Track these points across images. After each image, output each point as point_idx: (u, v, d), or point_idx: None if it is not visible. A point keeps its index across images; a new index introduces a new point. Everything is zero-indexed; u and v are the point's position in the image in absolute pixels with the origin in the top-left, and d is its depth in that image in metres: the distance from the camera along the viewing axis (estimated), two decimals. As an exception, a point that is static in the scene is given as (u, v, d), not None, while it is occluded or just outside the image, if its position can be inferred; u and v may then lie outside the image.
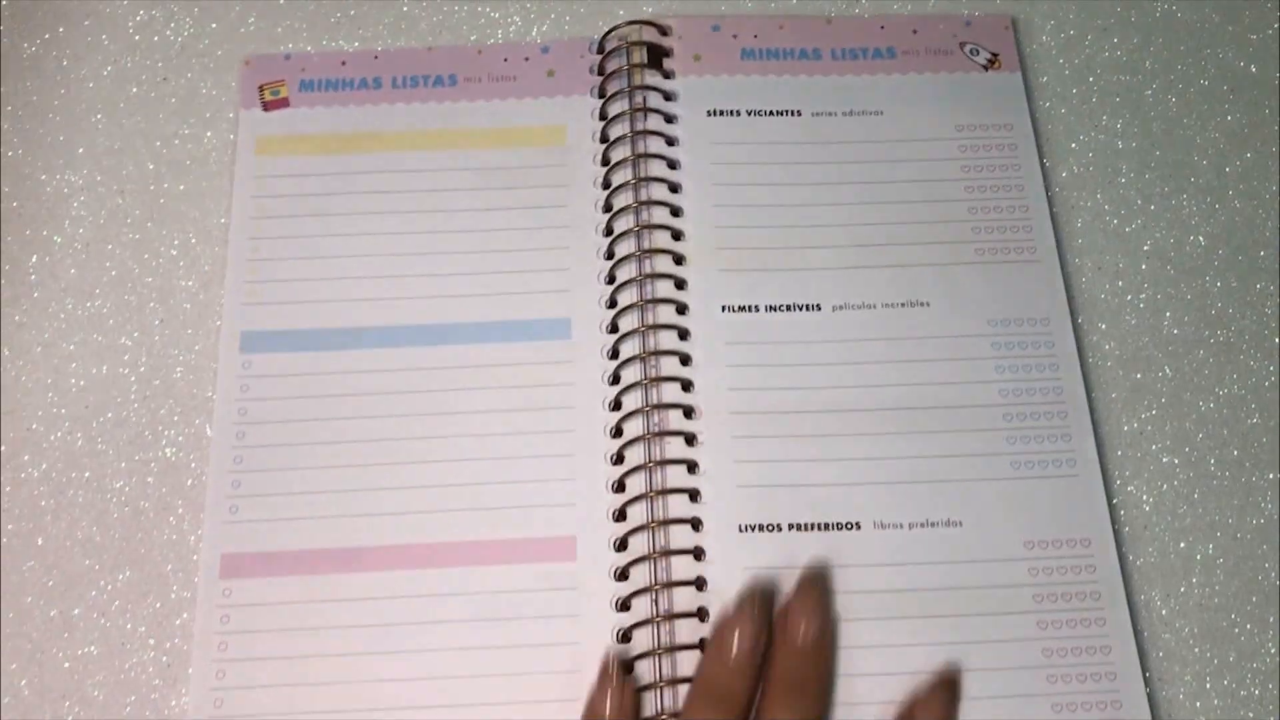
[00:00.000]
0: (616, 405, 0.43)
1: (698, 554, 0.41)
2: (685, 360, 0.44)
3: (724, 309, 0.44)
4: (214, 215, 0.47)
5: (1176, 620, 0.41)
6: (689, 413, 0.43)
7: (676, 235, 0.46)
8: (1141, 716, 0.39)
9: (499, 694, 0.39)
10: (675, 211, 0.46)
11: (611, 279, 0.45)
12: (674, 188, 0.46)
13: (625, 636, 0.40)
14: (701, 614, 0.40)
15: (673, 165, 0.47)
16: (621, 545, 0.41)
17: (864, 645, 0.39)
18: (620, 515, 0.41)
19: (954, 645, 0.40)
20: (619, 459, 0.42)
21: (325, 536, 0.41)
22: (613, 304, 0.45)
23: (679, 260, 0.45)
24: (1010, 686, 0.39)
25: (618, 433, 0.43)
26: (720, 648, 0.37)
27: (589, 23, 0.50)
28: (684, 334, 0.44)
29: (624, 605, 0.40)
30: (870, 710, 0.39)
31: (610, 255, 0.45)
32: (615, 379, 0.43)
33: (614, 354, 0.44)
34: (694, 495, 0.42)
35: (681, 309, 0.44)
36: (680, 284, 0.45)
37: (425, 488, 0.42)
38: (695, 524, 0.41)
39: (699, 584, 0.40)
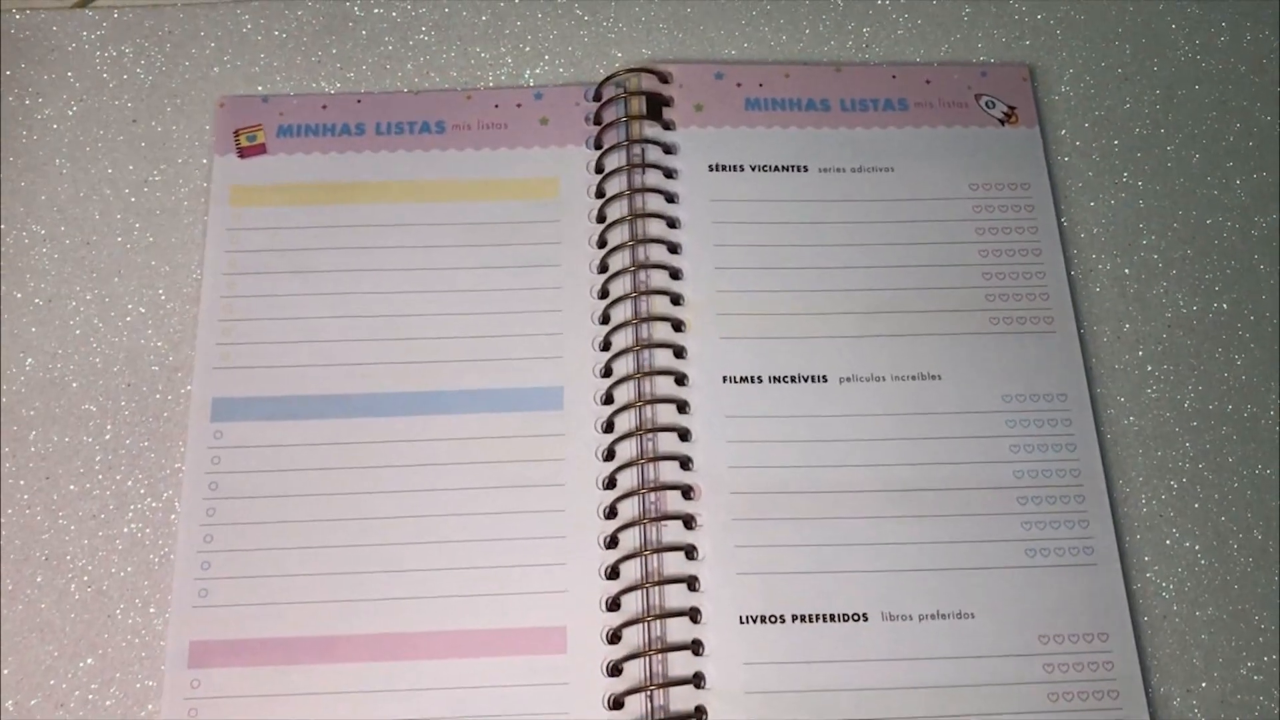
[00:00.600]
0: (611, 484, 0.41)
1: (696, 648, 0.38)
2: (684, 435, 0.41)
3: (725, 379, 0.42)
4: (185, 270, 0.44)
5: (1198, 718, 0.39)
6: (688, 493, 0.40)
7: (675, 299, 0.43)
8: (1161, 825, 0.37)
9: (483, 798, 0.37)
10: (674, 274, 0.43)
11: (606, 345, 0.42)
12: (673, 248, 0.44)
13: (618, 737, 0.37)
14: (700, 714, 0.38)
15: (672, 224, 0.44)
16: (614, 638, 0.39)
17: (870, 748, 0.37)
18: (614, 604, 0.39)
19: (965, 748, 0.38)
20: (613, 542, 0.40)
21: (300, 624, 0.39)
22: (608, 373, 0.42)
23: (678, 327, 0.43)
24: (1024, 793, 0.37)
25: (612, 514, 0.40)
26: None
27: (585, 66, 0.48)
28: (683, 407, 0.42)
29: (617, 703, 0.38)
30: (877, 820, 0.37)
31: (605, 320, 0.43)
32: (610, 454, 0.41)
33: (609, 427, 0.41)
34: (692, 583, 0.39)
35: (680, 379, 0.42)
36: (679, 352, 0.42)
37: (406, 571, 0.39)
38: (694, 615, 0.39)
39: (697, 681, 0.38)
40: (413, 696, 0.38)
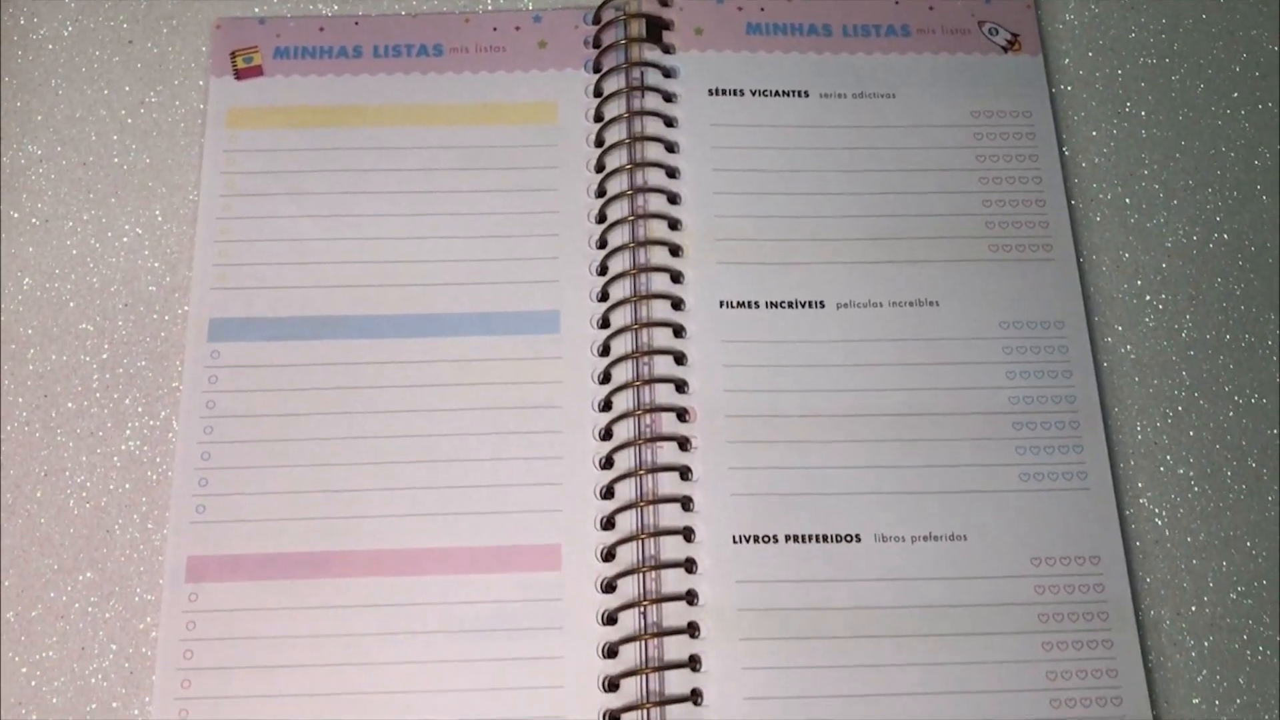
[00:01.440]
0: (606, 406, 0.41)
1: (689, 566, 0.39)
2: (680, 359, 0.41)
3: (722, 305, 0.42)
4: (182, 191, 0.44)
5: (1186, 641, 0.40)
6: (683, 415, 0.40)
7: (673, 224, 0.43)
8: (1147, 743, 0.37)
9: (476, 710, 0.37)
10: (673, 198, 0.43)
11: (604, 270, 0.42)
12: (672, 173, 0.44)
13: (611, 652, 0.38)
14: (692, 630, 0.38)
15: (671, 148, 0.44)
16: (609, 555, 0.39)
17: (861, 664, 0.38)
18: (608, 523, 0.39)
19: (955, 666, 0.38)
20: (608, 463, 0.40)
21: (296, 540, 0.39)
22: (604, 297, 0.42)
23: (675, 251, 0.43)
24: (1013, 710, 0.37)
25: (607, 435, 0.40)
26: None
27: (584, -11, 0.47)
28: (679, 331, 0.42)
29: (610, 619, 0.38)
30: (866, 734, 0.37)
31: (603, 244, 0.43)
32: (605, 378, 0.41)
33: (605, 350, 0.41)
34: (686, 503, 0.39)
35: (677, 304, 0.42)
36: (676, 277, 0.42)
37: (402, 490, 0.40)
38: (687, 534, 0.39)
39: (690, 598, 0.38)
40: (408, 611, 0.38)
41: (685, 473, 0.40)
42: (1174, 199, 0.45)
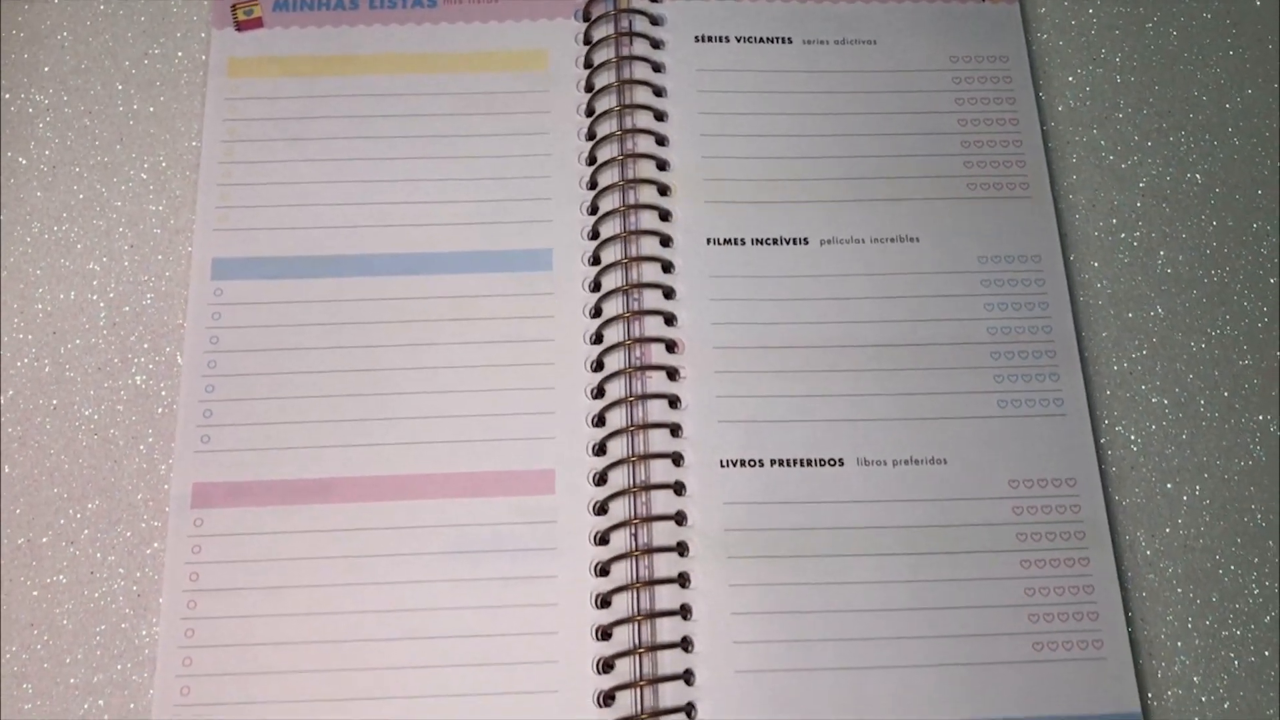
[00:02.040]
0: (598, 338, 0.42)
1: (678, 489, 0.40)
2: (669, 294, 0.43)
3: (709, 242, 0.43)
4: (185, 138, 0.45)
5: (1160, 561, 0.41)
6: (671, 347, 0.42)
7: (661, 165, 0.44)
8: (1123, 656, 0.39)
9: (474, 627, 0.38)
10: (661, 141, 0.45)
11: (594, 209, 0.44)
12: (660, 116, 0.45)
13: (603, 571, 0.39)
14: (681, 549, 0.39)
15: (659, 93, 0.45)
16: (601, 479, 0.40)
17: (846, 581, 0.39)
18: (600, 449, 0.41)
19: (936, 583, 0.39)
20: (600, 393, 0.41)
21: (299, 467, 0.40)
22: (595, 235, 0.43)
23: (664, 191, 0.44)
24: (992, 625, 0.39)
25: (599, 366, 0.42)
26: None
27: (575, -56, 0.48)
28: (668, 267, 0.43)
29: (602, 539, 0.39)
30: (852, 647, 0.38)
31: (593, 185, 0.44)
32: (597, 312, 0.42)
33: (596, 286, 0.43)
34: (675, 430, 0.41)
35: (666, 241, 0.43)
36: (665, 216, 0.44)
37: (402, 419, 0.41)
38: (676, 459, 0.40)
39: (679, 518, 0.40)
40: (408, 533, 0.40)
41: (674, 401, 0.41)
42: (1148, 140, 0.47)
